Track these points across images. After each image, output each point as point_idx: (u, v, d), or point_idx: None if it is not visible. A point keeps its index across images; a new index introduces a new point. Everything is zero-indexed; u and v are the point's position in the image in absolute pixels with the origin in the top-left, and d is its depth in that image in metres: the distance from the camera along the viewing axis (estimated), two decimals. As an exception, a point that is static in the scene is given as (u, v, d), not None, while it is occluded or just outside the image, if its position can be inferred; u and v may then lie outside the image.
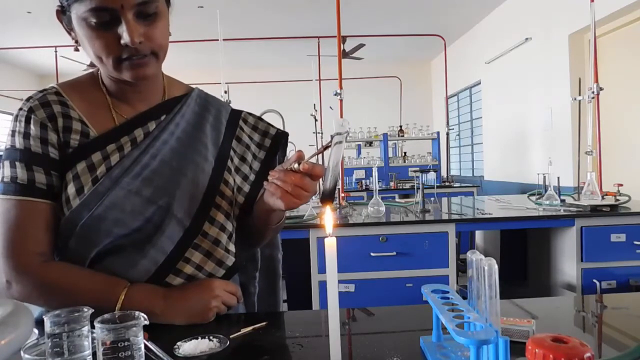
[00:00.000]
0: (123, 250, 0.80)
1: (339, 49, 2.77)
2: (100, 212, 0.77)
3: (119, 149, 0.81)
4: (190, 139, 0.87)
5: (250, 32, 6.00)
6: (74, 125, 0.81)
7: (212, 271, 0.86)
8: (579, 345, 0.42)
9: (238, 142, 0.93)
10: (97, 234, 0.78)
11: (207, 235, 0.84)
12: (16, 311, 0.68)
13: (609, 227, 2.14)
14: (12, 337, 0.63)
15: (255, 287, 1.03)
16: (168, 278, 0.82)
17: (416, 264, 2.14)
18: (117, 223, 0.78)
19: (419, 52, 7.93)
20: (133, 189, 0.79)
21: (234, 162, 0.91)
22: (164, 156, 0.83)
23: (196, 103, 0.92)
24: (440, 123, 7.36)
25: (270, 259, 1.08)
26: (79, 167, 0.79)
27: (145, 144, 0.83)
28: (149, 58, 0.78)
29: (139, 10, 0.74)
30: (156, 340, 0.69)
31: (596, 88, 2.47)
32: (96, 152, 0.80)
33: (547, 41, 4.61)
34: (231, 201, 0.88)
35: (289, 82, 7.28)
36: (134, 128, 0.83)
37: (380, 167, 5.37)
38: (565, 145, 4.24)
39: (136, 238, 0.80)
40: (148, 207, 0.80)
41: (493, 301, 0.51)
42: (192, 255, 0.83)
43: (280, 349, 0.71)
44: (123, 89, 0.85)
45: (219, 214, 0.86)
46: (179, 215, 0.82)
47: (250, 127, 0.96)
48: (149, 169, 0.81)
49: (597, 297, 1.01)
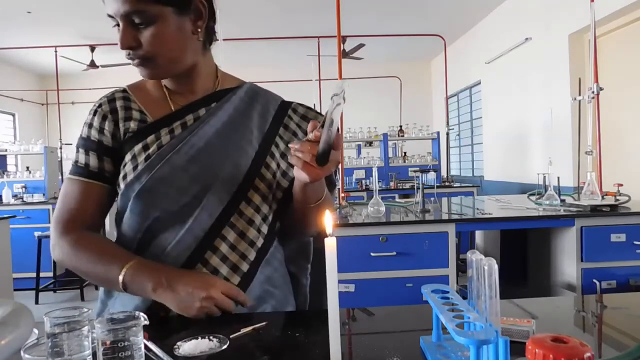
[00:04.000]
0: (170, 224, 0.88)
1: (339, 49, 2.78)
2: (150, 185, 0.86)
3: (170, 132, 0.90)
4: (236, 124, 0.93)
5: (250, 32, 6.00)
6: (133, 115, 0.93)
7: (244, 251, 0.89)
8: (579, 345, 0.42)
9: (285, 129, 0.98)
10: (147, 207, 0.87)
11: (243, 215, 0.89)
12: (16, 311, 0.68)
13: (609, 227, 2.14)
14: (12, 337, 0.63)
15: (307, 278, 1.06)
16: (206, 255, 0.87)
17: (416, 264, 2.14)
18: (165, 197, 0.87)
19: (419, 52, 7.93)
20: (180, 166, 0.87)
21: (280, 148, 0.96)
22: (210, 138, 0.90)
23: (246, 93, 0.98)
24: (440, 123, 7.36)
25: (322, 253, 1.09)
26: (136, 148, 0.89)
27: (194, 127, 0.91)
28: (144, 62, 0.85)
29: (129, 20, 0.82)
30: (156, 340, 0.69)
31: (596, 88, 2.47)
32: (151, 135, 0.90)
33: (547, 41, 4.61)
34: (270, 184, 0.92)
35: (289, 82, 7.27)
36: (186, 114, 0.92)
37: (380, 167, 5.37)
38: (565, 145, 4.24)
39: (181, 213, 0.87)
40: (192, 184, 0.87)
41: (493, 301, 0.51)
42: (228, 233, 0.88)
43: (280, 349, 0.71)
44: (174, 83, 0.94)
45: (256, 195, 0.91)
46: (220, 193, 0.88)
47: (299, 116, 1.00)
48: (195, 148, 0.89)
49: (597, 297, 1.02)
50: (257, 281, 0.91)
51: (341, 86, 0.66)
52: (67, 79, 7.48)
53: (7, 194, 4.83)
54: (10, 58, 7.20)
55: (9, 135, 7.77)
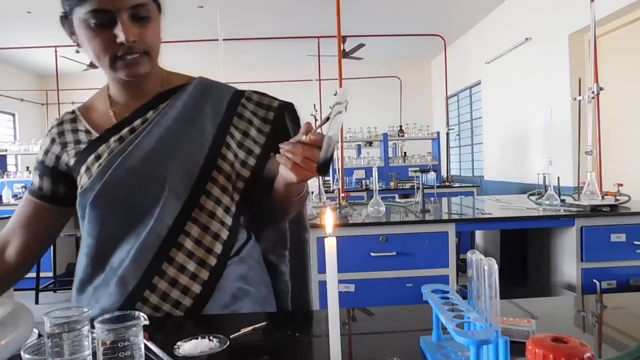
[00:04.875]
0: (130, 227, 0.87)
1: (339, 49, 2.78)
2: (103, 191, 0.87)
3: (119, 139, 0.91)
4: (187, 119, 0.93)
5: (250, 32, 6.00)
6: (80, 137, 0.95)
7: (209, 245, 0.88)
8: (579, 345, 0.42)
9: (240, 118, 0.96)
10: (104, 214, 0.88)
11: (204, 209, 0.89)
12: (16, 311, 0.68)
13: (609, 227, 2.14)
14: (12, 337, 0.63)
15: (286, 265, 1.07)
16: (171, 252, 0.86)
17: (416, 264, 2.14)
18: (121, 201, 0.87)
19: (419, 52, 7.93)
20: (132, 168, 0.87)
21: (236, 138, 0.94)
22: (161, 136, 0.90)
23: (195, 88, 0.97)
24: (440, 123, 7.36)
25: (299, 239, 1.10)
26: (89, 160, 0.90)
27: (143, 129, 0.91)
28: (142, 57, 0.86)
29: (133, 13, 0.82)
30: (156, 340, 0.69)
31: (596, 88, 2.47)
32: (102, 145, 0.91)
33: (547, 41, 4.61)
34: (229, 176, 0.92)
35: (289, 82, 7.28)
36: (134, 119, 0.92)
37: (380, 167, 5.37)
38: (565, 145, 4.24)
39: (139, 214, 0.87)
40: (147, 183, 0.88)
41: (493, 301, 0.51)
42: (191, 229, 0.88)
43: (280, 349, 0.71)
44: (124, 89, 0.94)
45: (214, 187, 0.90)
46: (177, 189, 0.88)
47: (254, 104, 0.99)
48: (147, 149, 0.89)
49: (597, 297, 1.02)
50: (231, 279, 0.91)
51: (343, 94, 0.65)
52: (67, 79, 7.48)
53: (7, 194, 4.83)
54: (10, 58, 7.20)
55: (9, 135, 7.78)
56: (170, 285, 0.85)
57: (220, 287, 0.89)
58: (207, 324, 0.83)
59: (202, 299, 0.87)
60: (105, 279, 0.88)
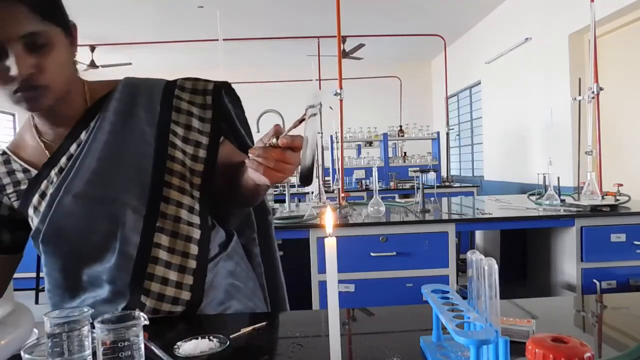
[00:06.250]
0: (96, 256, 0.83)
1: (339, 49, 2.77)
2: (52, 225, 0.82)
3: (59, 171, 0.85)
4: (123, 128, 0.86)
5: (250, 32, 6.00)
6: (18, 176, 0.88)
7: (184, 249, 0.85)
8: (579, 345, 0.42)
9: (178, 112, 0.90)
10: (59, 245, 0.83)
11: (167, 215, 0.85)
12: (16, 311, 0.68)
13: (609, 227, 2.14)
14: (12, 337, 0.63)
15: (257, 247, 1.07)
16: (149, 269, 0.83)
17: (416, 264, 2.14)
18: (74, 229, 0.82)
19: (419, 52, 7.93)
20: (79, 193, 0.82)
21: (179, 135, 0.89)
22: (101, 153, 0.84)
23: (121, 92, 0.89)
24: (440, 123, 7.36)
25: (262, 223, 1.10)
26: (34, 200, 0.85)
27: (79, 152, 0.84)
28: (44, 90, 0.76)
29: (27, 42, 0.72)
30: (156, 340, 0.69)
31: (596, 88, 2.47)
32: (44, 181, 0.85)
33: (547, 41, 4.61)
34: (182, 175, 0.87)
35: (289, 82, 7.28)
36: (68, 146, 0.86)
37: (380, 167, 5.37)
38: (565, 145, 4.24)
39: (100, 239, 0.83)
40: (99, 206, 0.83)
41: (493, 301, 0.51)
42: (160, 239, 0.84)
43: (280, 349, 0.71)
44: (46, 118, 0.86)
45: (171, 191, 0.86)
46: (132, 203, 0.83)
47: (189, 92, 0.92)
48: (90, 170, 0.83)
49: (597, 297, 1.01)
50: (221, 275, 0.90)
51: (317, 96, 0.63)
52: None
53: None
54: (10, 58, 7.19)
55: (9, 136, 7.77)
56: (159, 301, 0.83)
57: (213, 284, 0.89)
58: (207, 324, 0.83)
59: (194, 304, 0.86)
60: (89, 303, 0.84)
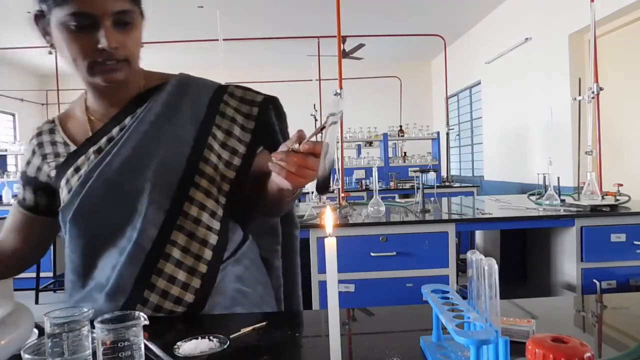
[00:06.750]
0: (113, 241, 0.85)
1: (339, 49, 2.77)
2: (82, 205, 0.85)
3: (98, 151, 0.88)
4: (164, 121, 0.88)
5: (250, 32, 5.99)
6: (59, 148, 0.93)
7: (198, 252, 0.86)
8: (579, 345, 0.42)
9: (222, 117, 0.92)
10: (84, 229, 0.86)
11: (188, 215, 0.86)
12: (16, 311, 0.68)
13: (609, 227, 2.14)
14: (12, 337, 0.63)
15: (279, 260, 1.06)
16: (159, 264, 0.84)
17: (416, 264, 2.14)
18: (102, 214, 0.85)
19: (419, 52, 7.93)
20: (109, 178, 0.85)
21: (218, 139, 0.90)
22: (137, 142, 0.86)
23: (174, 87, 0.92)
24: (440, 123, 7.36)
25: (289, 236, 1.09)
26: (69, 173, 0.89)
27: (120, 136, 0.87)
28: (122, 64, 0.82)
29: (117, 19, 0.79)
30: (156, 340, 0.69)
31: (596, 88, 2.47)
32: (81, 157, 0.89)
33: (547, 41, 4.61)
34: (212, 179, 0.88)
35: (289, 82, 7.28)
36: (112, 128, 0.89)
37: (380, 167, 5.37)
38: (565, 145, 4.24)
39: (121, 227, 0.85)
40: (125, 194, 0.85)
41: (493, 301, 0.51)
42: (177, 237, 0.85)
43: (280, 349, 0.71)
44: (101, 96, 0.90)
45: (197, 192, 0.87)
46: (157, 198, 0.84)
47: (238, 100, 0.94)
48: (123, 157, 0.85)
49: (597, 297, 1.01)
50: (228, 280, 0.90)
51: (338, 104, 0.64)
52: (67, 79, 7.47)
53: (7, 194, 4.84)
54: (10, 58, 7.19)
55: (9, 136, 7.78)
56: (162, 298, 0.83)
57: (218, 289, 0.88)
58: (207, 324, 0.83)
59: (196, 307, 0.85)
60: (94, 295, 0.86)
